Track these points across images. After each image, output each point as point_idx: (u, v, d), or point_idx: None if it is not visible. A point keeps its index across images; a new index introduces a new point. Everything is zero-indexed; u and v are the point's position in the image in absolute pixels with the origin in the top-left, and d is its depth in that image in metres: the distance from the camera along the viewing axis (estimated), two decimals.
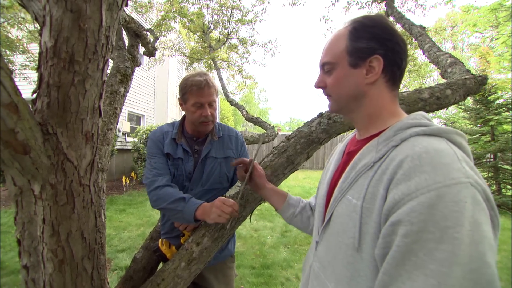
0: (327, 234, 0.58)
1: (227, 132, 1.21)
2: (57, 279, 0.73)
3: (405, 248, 0.38)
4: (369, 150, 0.52)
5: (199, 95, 1.04)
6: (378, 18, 0.56)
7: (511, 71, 7.58)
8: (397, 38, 0.54)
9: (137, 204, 5.15)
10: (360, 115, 0.59)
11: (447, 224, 0.36)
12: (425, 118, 0.52)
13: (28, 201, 0.67)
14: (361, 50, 0.54)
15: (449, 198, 0.37)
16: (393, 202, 0.41)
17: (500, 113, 5.82)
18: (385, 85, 0.55)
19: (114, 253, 2.96)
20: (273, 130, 4.19)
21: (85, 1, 0.57)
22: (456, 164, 0.40)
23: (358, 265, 0.48)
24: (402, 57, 0.55)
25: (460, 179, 0.38)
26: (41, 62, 0.61)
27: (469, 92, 1.28)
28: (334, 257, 0.54)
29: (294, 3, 5.46)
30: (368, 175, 0.49)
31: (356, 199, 0.49)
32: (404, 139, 0.47)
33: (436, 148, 0.42)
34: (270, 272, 2.63)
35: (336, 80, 0.58)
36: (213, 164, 1.12)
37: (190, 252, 0.96)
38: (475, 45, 14.54)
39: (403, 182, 0.41)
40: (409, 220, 0.38)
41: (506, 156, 5.66)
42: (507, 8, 5.62)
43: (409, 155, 0.43)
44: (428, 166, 0.40)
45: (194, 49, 6.09)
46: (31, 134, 0.58)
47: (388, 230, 0.41)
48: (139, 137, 6.95)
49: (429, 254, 0.37)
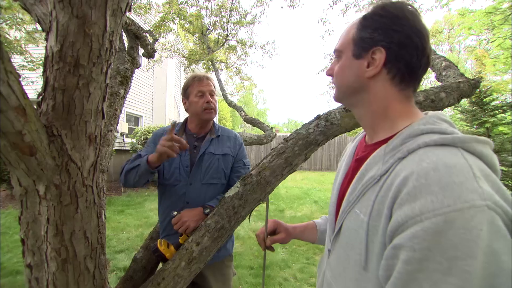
0: (337, 244, 0.56)
1: (226, 133, 1.31)
2: (60, 278, 0.74)
3: (407, 277, 0.35)
4: (376, 161, 0.48)
5: (200, 85, 1.20)
6: (394, 7, 0.49)
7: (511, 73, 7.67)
8: (409, 31, 0.47)
9: (135, 205, 5.14)
10: (363, 112, 0.55)
11: (456, 255, 0.32)
12: (442, 120, 0.46)
13: (33, 201, 0.69)
14: (364, 40, 0.50)
15: (460, 225, 0.33)
16: (396, 224, 0.38)
17: (496, 115, 5.89)
18: (390, 82, 0.50)
19: (113, 254, 2.96)
20: (271, 131, 4.21)
21: (90, 7, 0.59)
22: (470, 183, 0.34)
23: (365, 284, 0.45)
24: (413, 53, 0.47)
25: (475, 202, 0.33)
26: (46, 66, 0.63)
27: (462, 95, 1.31)
28: (344, 270, 0.52)
29: (293, 5, 5.49)
30: (375, 189, 0.45)
31: (363, 214, 0.46)
32: (412, 150, 0.42)
33: (447, 163, 0.37)
34: (268, 272, 2.64)
35: (340, 69, 0.55)
36: (211, 159, 1.20)
37: (190, 251, 0.97)
38: (471, 48, 14.69)
39: (407, 203, 0.37)
40: (411, 246, 0.35)
41: (501, 157, 5.72)
42: (502, 12, 5.70)
43: (415, 171, 0.38)
44: (436, 186, 0.35)
45: (193, 51, 6.10)
46: (37, 136, 0.60)
47: (390, 252, 0.38)
48: (137, 138, 6.94)
49: (435, 286, 0.33)
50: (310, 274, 2.66)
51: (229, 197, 1.02)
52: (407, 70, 0.49)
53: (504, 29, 6.37)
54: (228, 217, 1.00)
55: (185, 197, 1.17)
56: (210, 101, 1.20)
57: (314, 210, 5.12)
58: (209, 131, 1.26)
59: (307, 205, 5.53)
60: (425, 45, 0.48)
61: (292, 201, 5.90)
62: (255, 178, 1.02)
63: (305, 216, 4.68)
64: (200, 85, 1.20)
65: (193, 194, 1.17)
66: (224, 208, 1.01)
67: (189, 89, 1.22)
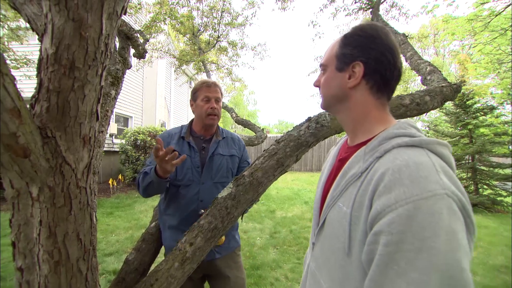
0: (321, 237, 0.61)
1: (230, 135, 1.41)
2: (52, 280, 0.74)
3: (387, 257, 0.41)
4: (357, 159, 0.55)
5: (207, 90, 1.27)
6: (370, 28, 0.58)
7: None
8: (383, 48, 0.56)
9: (124, 207, 5.05)
10: (346, 118, 0.62)
11: (425, 235, 0.39)
12: (411, 126, 0.54)
13: (25, 203, 0.68)
14: (345, 56, 0.59)
15: (426, 210, 0.39)
16: (376, 212, 0.44)
17: (477, 117, 6.14)
18: (368, 92, 0.58)
19: (102, 257, 2.91)
20: (262, 132, 4.24)
21: (86, 10, 0.60)
22: (433, 177, 0.42)
23: (349, 268, 0.50)
24: (387, 67, 0.56)
25: (436, 191, 0.40)
26: (41, 68, 0.63)
27: (445, 98, 1.38)
28: (328, 259, 0.57)
29: (283, 8, 5.56)
30: (356, 184, 0.51)
31: (346, 206, 0.52)
32: (387, 150, 0.49)
33: (416, 161, 0.44)
34: (260, 272, 2.66)
35: (325, 81, 0.63)
36: (221, 160, 1.29)
37: (184, 252, 0.98)
38: (455, 52, 15.22)
39: (384, 195, 0.44)
40: (389, 230, 0.41)
41: (483, 157, 5.97)
42: (483, 19, 5.96)
43: (390, 168, 0.45)
44: (407, 180, 0.42)
45: (184, 51, 6.07)
46: (31, 138, 0.60)
47: (371, 238, 0.44)
48: (126, 139, 6.83)
49: (410, 263, 0.39)
50: (301, 274, 2.69)
51: (222, 197, 1.04)
52: (382, 81, 0.57)
53: (484, 35, 6.66)
54: (221, 217, 1.02)
55: (198, 196, 1.24)
56: (215, 107, 1.26)
57: (305, 211, 5.17)
58: (214, 133, 1.34)
59: (298, 206, 5.59)
60: (396, 60, 0.57)
61: (283, 201, 5.95)
62: (247, 179, 1.04)
63: (296, 217, 4.73)
64: (208, 91, 1.27)
65: (205, 193, 1.24)
66: (217, 209, 1.02)
67: (197, 93, 1.29)
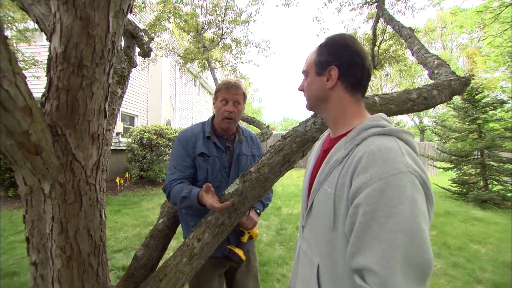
0: (310, 219, 0.69)
1: (248, 134, 1.40)
2: (65, 274, 0.76)
3: (364, 224, 0.50)
4: (339, 148, 0.64)
5: (226, 92, 1.22)
6: (340, 38, 0.69)
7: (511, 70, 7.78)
8: (352, 53, 0.66)
9: (132, 205, 5.12)
10: (328, 115, 0.71)
11: (393, 204, 0.48)
12: (383, 119, 0.63)
13: (38, 199, 0.70)
14: (322, 62, 0.69)
15: (394, 184, 0.49)
16: (355, 189, 0.53)
17: (487, 111, 6.01)
18: (344, 91, 0.67)
19: (111, 254, 2.96)
20: (267, 129, 4.24)
21: (93, 9, 0.61)
22: (400, 158, 0.52)
23: (335, 240, 0.58)
24: (357, 68, 0.66)
25: (402, 169, 0.50)
26: (50, 67, 0.64)
27: (454, 92, 1.36)
28: (317, 237, 0.65)
29: (287, 4, 5.52)
30: (339, 168, 0.60)
31: (330, 188, 0.60)
32: (364, 138, 0.59)
33: (386, 146, 0.54)
34: (266, 269, 2.68)
35: (307, 85, 0.73)
36: (246, 160, 1.30)
37: (192, 248, 0.99)
38: (463, 45, 14.89)
39: (361, 174, 0.53)
40: (366, 202, 0.50)
41: (492, 153, 5.85)
42: (492, 10, 5.81)
43: (366, 152, 0.54)
44: (379, 161, 0.51)
45: (188, 50, 6.08)
46: (42, 136, 0.61)
47: (352, 211, 0.53)
48: (133, 137, 6.89)
49: (381, 227, 0.48)
50: None
51: (229, 193, 1.04)
52: (355, 81, 0.67)
53: (494, 27, 6.49)
54: (228, 213, 1.03)
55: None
56: (231, 111, 1.21)
57: None
58: (236, 132, 1.32)
59: None
60: (364, 62, 0.66)
61: (288, 198, 5.95)
62: (254, 175, 1.04)
63: None
64: (226, 93, 1.21)
65: None
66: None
67: (217, 93, 1.26)
